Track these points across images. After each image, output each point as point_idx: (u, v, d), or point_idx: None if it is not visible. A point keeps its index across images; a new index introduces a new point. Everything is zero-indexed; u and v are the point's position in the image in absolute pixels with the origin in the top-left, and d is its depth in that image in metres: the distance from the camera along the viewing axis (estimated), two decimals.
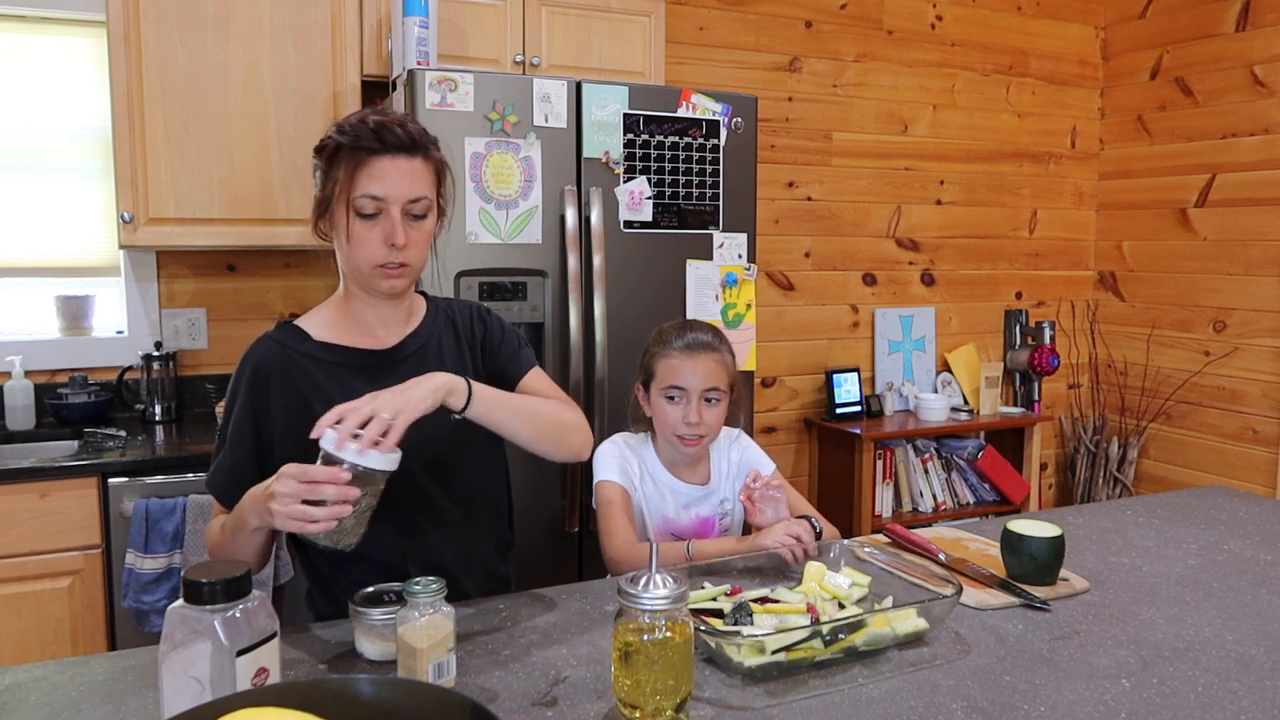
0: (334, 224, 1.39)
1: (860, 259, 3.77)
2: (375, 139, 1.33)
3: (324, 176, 1.39)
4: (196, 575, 0.94)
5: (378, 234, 1.35)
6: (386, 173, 1.34)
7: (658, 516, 1.77)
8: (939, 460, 3.76)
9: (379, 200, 1.34)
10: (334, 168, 1.36)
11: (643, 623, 1.04)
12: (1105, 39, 4.15)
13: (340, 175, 1.35)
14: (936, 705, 1.10)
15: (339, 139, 1.36)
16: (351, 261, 1.39)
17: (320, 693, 0.83)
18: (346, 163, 1.34)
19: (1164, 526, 1.81)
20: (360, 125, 1.34)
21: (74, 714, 1.07)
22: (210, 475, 1.45)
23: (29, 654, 2.19)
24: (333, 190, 1.36)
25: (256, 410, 1.43)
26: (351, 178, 1.33)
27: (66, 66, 2.75)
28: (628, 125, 2.47)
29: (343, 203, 1.35)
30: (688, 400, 1.72)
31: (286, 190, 2.63)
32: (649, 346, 1.81)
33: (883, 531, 1.70)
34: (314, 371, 1.44)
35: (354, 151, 1.34)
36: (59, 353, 2.75)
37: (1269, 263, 3.57)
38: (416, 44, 2.44)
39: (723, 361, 1.75)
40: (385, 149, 1.34)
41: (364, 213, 1.35)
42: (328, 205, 1.38)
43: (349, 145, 1.34)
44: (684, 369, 1.72)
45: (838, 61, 3.64)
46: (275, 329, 1.49)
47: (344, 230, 1.37)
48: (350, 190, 1.34)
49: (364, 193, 1.33)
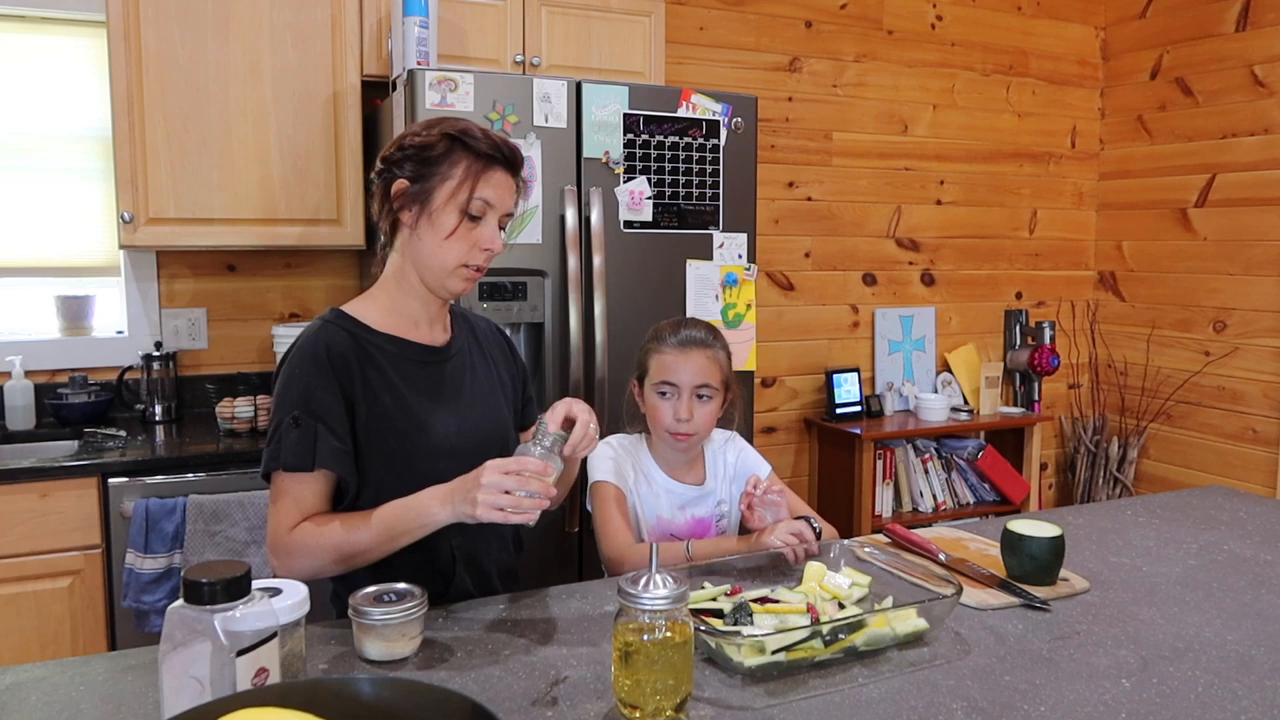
0: (431, 218, 1.41)
1: (860, 259, 3.77)
2: (496, 150, 1.41)
3: (425, 170, 1.41)
4: (196, 575, 0.94)
5: (474, 237, 1.42)
6: (500, 183, 1.42)
7: (653, 517, 1.77)
8: (939, 460, 3.76)
9: (489, 207, 1.42)
10: (449, 166, 1.40)
11: (643, 623, 1.04)
12: (1105, 39, 4.15)
13: (458, 174, 1.40)
14: (936, 705, 1.10)
15: (462, 139, 1.40)
16: (436, 257, 1.42)
17: (320, 693, 0.83)
18: (468, 165, 1.40)
19: (1164, 526, 1.81)
20: (480, 134, 1.41)
21: (74, 714, 1.07)
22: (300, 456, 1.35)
23: (29, 654, 2.19)
24: (438, 185, 1.40)
25: (343, 391, 1.41)
26: (474, 180, 1.40)
27: (66, 66, 2.75)
28: (628, 125, 2.47)
29: (454, 201, 1.40)
30: (679, 396, 1.72)
31: (286, 190, 2.63)
32: (644, 343, 1.81)
33: (883, 531, 1.70)
34: (382, 362, 1.45)
35: (477, 156, 1.40)
36: (59, 353, 2.75)
37: (1269, 263, 3.57)
38: (416, 44, 2.44)
39: (716, 359, 1.75)
40: (503, 162, 1.43)
41: (472, 214, 1.41)
42: (426, 197, 1.41)
43: (472, 149, 1.40)
44: (676, 364, 1.73)
45: (838, 61, 3.64)
46: (333, 316, 1.48)
47: (447, 227, 1.41)
48: (470, 191, 1.40)
49: (481, 197, 1.40)
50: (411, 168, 1.42)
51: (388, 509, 1.34)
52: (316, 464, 1.36)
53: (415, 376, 1.47)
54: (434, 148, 1.41)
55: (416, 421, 1.44)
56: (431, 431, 1.45)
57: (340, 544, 1.34)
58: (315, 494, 1.39)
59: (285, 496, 1.38)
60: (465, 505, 1.25)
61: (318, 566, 1.36)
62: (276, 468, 1.37)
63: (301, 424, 1.37)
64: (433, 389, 1.48)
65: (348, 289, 3.05)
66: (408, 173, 1.42)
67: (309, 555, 1.35)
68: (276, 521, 1.38)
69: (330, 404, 1.39)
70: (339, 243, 2.71)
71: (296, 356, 1.42)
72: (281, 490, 1.39)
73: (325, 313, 1.50)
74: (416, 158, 1.41)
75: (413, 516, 1.31)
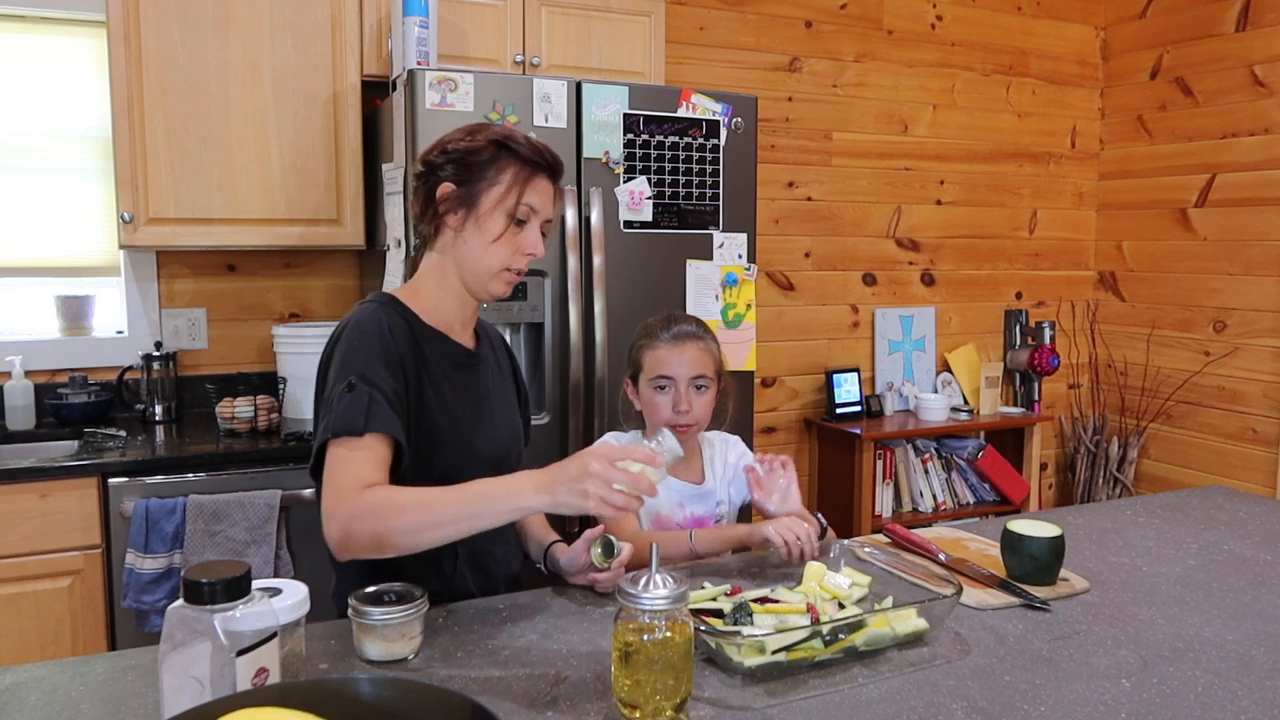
0: (478, 222, 1.43)
1: (860, 259, 3.77)
2: (542, 158, 1.44)
3: (472, 175, 1.43)
4: (196, 575, 0.94)
5: (518, 242, 1.44)
6: (544, 190, 1.46)
7: (652, 513, 1.78)
8: (939, 460, 3.76)
9: (534, 213, 1.45)
10: (497, 171, 1.42)
11: (643, 623, 1.04)
12: (1105, 39, 4.15)
13: (505, 180, 1.42)
14: (936, 705, 1.10)
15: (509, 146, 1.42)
16: (482, 260, 1.44)
17: (320, 693, 0.83)
18: (516, 171, 1.43)
19: (1164, 526, 1.81)
20: (525, 141, 1.44)
21: (74, 714, 1.07)
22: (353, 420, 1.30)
23: (29, 654, 2.19)
24: (485, 190, 1.42)
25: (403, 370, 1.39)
26: (522, 187, 1.43)
27: (66, 66, 2.75)
28: (628, 125, 2.47)
29: (502, 206, 1.42)
30: (676, 389, 1.76)
31: (286, 190, 2.63)
32: (635, 341, 1.84)
33: (883, 531, 1.70)
34: (429, 356, 1.45)
35: (524, 163, 1.43)
36: (59, 353, 2.75)
37: (1269, 263, 3.57)
38: (416, 44, 2.44)
39: (709, 350, 1.80)
40: (549, 172, 1.46)
41: (518, 219, 1.43)
42: (473, 201, 1.43)
43: (520, 156, 1.43)
44: (671, 358, 1.76)
45: (838, 61, 3.64)
46: (389, 301, 1.46)
47: (493, 231, 1.43)
48: (518, 197, 1.42)
49: (527, 203, 1.43)
50: (456, 171, 1.43)
51: (476, 484, 1.26)
52: (370, 427, 1.30)
53: (454, 378, 1.48)
54: (480, 153, 1.43)
55: (452, 422, 1.44)
56: (463, 434, 1.45)
57: (424, 504, 1.25)
58: (378, 460, 1.31)
59: (348, 462, 1.30)
60: (571, 496, 1.18)
61: (388, 532, 1.24)
62: (329, 437, 1.31)
63: (355, 389, 1.33)
64: (467, 393, 1.49)
65: (348, 289, 3.05)
66: (452, 176, 1.43)
67: (382, 517, 1.25)
68: (342, 483, 1.28)
69: (388, 377, 1.36)
70: (339, 243, 2.71)
71: (354, 332, 1.40)
72: (341, 458, 1.30)
73: (376, 295, 1.49)
74: (462, 162, 1.43)
75: (504, 495, 1.23)
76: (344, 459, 1.30)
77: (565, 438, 2.45)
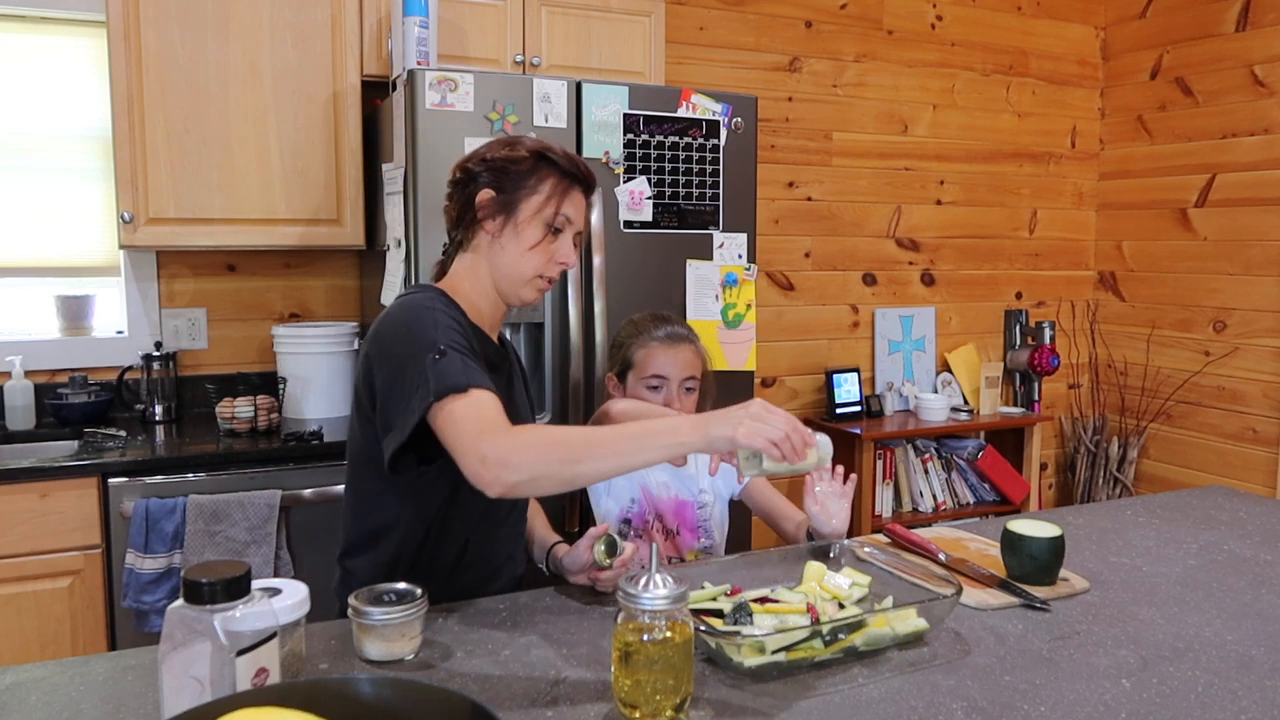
0: (517, 229, 1.46)
1: (860, 259, 3.77)
2: (579, 172, 1.48)
3: (512, 183, 1.45)
4: (196, 575, 0.94)
5: (553, 250, 1.48)
6: (579, 203, 1.50)
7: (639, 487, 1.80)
8: (939, 460, 3.76)
9: (569, 223, 1.49)
10: (539, 180, 1.46)
11: (643, 623, 1.04)
12: (1105, 39, 4.15)
13: (545, 190, 1.46)
14: (936, 705, 1.10)
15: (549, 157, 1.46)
16: (518, 267, 1.47)
17: (320, 693, 0.83)
18: (555, 182, 1.46)
19: (1164, 526, 1.81)
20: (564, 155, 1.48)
21: (74, 714, 1.07)
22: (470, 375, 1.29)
23: (29, 654, 2.19)
24: (525, 198, 1.45)
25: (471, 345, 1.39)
26: (560, 198, 1.46)
27: (66, 66, 2.75)
28: (628, 125, 2.47)
29: (540, 216, 1.46)
30: (669, 389, 1.80)
31: (286, 190, 2.63)
32: (624, 338, 1.87)
33: (883, 531, 1.70)
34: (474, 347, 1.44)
35: (564, 175, 1.47)
36: (59, 353, 2.75)
37: (1269, 263, 3.57)
38: (416, 44, 2.44)
39: (698, 352, 1.86)
40: (585, 185, 1.50)
41: (556, 228, 1.47)
42: (513, 209, 1.45)
43: (560, 169, 1.47)
44: (665, 359, 1.80)
45: (838, 61, 3.64)
46: (439, 293, 1.46)
47: (531, 240, 1.46)
48: (557, 208, 1.46)
49: (565, 214, 1.47)
50: (496, 179, 1.46)
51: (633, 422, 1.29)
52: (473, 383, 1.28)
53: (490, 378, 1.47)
54: (521, 163, 1.46)
55: None
56: None
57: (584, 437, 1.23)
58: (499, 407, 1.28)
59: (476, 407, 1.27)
60: (725, 428, 1.19)
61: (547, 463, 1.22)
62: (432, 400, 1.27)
63: (447, 354, 1.31)
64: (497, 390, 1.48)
65: (348, 289, 3.05)
66: (491, 183, 1.46)
67: (541, 449, 1.23)
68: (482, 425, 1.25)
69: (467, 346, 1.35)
70: (339, 243, 2.71)
71: (420, 312, 1.38)
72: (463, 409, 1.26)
73: (419, 286, 1.50)
74: (502, 171, 1.46)
75: (663, 431, 1.23)
76: (467, 408, 1.27)
77: None
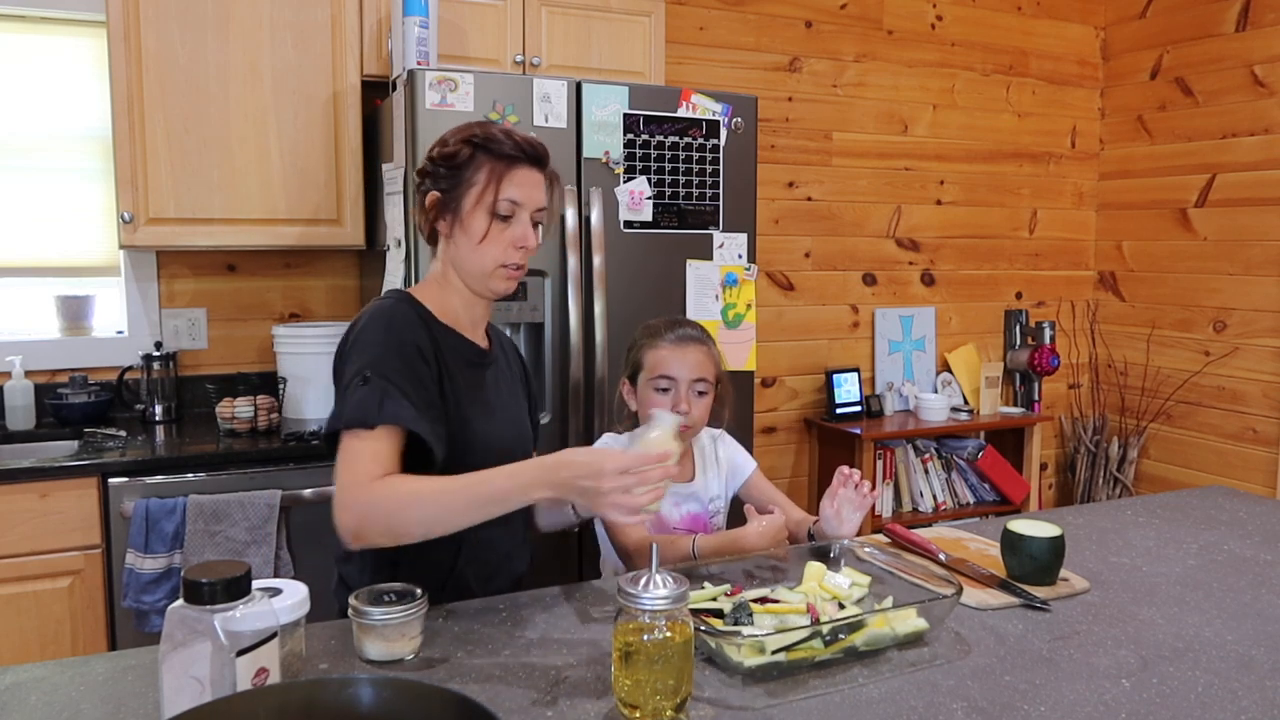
0: (464, 225, 1.45)
1: (860, 259, 3.77)
2: (518, 149, 1.44)
3: (452, 179, 1.45)
4: (196, 575, 0.94)
5: (508, 237, 1.45)
6: (524, 181, 1.45)
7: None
8: (939, 460, 3.76)
9: (517, 205, 1.45)
10: (472, 171, 1.44)
11: (643, 623, 1.04)
12: (1105, 39, 4.15)
13: (481, 179, 1.44)
14: (936, 705, 1.10)
15: (484, 144, 1.44)
16: (476, 261, 1.46)
17: (320, 693, 0.83)
18: (490, 168, 1.43)
19: (1164, 526, 1.81)
20: (502, 136, 1.44)
21: (74, 714, 1.07)
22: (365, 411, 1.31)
23: (29, 654, 2.19)
24: (465, 192, 1.44)
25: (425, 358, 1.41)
26: (497, 183, 1.43)
27: (66, 66, 2.75)
28: (628, 125, 2.47)
29: (481, 205, 1.44)
30: (677, 390, 1.76)
31: (286, 190, 2.63)
32: (636, 341, 1.85)
33: (883, 531, 1.70)
34: (445, 354, 1.46)
35: (498, 158, 1.44)
36: (59, 353, 2.75)
37: (1269, 263, 3.57)
38: (416, 44, 2.44)
39: (710, 354, 1.81)
40: (525, 159, 1.45)
41: (501, 215, 1.44)
42: (456, 205, 1.45)
43: (494, 152, 1.43)
44: (673, 360, 1.77)
45: (838, 61, 3.64)
46: (403, 297, 1.47)
47: (479, 231, 1.44)
48: (495, 194, 1.43)
49: (506, 197, 1.44)
50: (441, 178, 1.46)
51: (489, 479, 1.28)
52: (382, 419, 1.31)
53: (466, 375, 1.49)
54: (457, 156, 1.45)
55: (462, 419, 1.45)
56: (471, 432, 1.46)
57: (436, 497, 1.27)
58: (389, 451, 1.33)
59: (360, 453, 1.31)
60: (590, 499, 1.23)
61: (402, 523, 1.28)
62: (340, 427, 1.33)
63: (369, 382, 1.34)
64: (477, 391, 1.50)
65: (348, 289, 3.05)
66: (440, 184, 1.46)
67: (395, 509, 1.27)
68: (352, 475, 1.30)
69: (414, 364, 1.38)
70: (339, 243, 2.71)
71: (371, 325, 1.41)
72: (354, 449, 1.32)
73: (393, 293, 1.50)
74: (445, 167, 1.46)
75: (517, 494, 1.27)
76: (356, 450, 1.32)
77: (565, 438, 2.45)
